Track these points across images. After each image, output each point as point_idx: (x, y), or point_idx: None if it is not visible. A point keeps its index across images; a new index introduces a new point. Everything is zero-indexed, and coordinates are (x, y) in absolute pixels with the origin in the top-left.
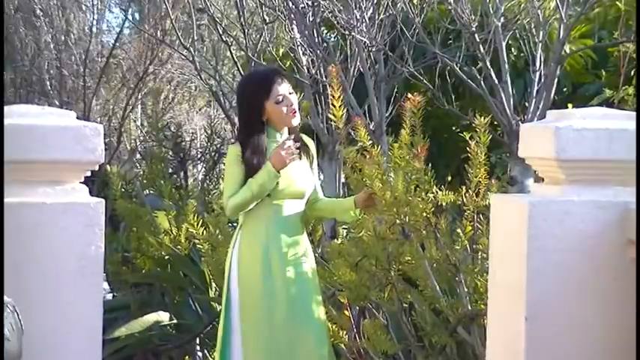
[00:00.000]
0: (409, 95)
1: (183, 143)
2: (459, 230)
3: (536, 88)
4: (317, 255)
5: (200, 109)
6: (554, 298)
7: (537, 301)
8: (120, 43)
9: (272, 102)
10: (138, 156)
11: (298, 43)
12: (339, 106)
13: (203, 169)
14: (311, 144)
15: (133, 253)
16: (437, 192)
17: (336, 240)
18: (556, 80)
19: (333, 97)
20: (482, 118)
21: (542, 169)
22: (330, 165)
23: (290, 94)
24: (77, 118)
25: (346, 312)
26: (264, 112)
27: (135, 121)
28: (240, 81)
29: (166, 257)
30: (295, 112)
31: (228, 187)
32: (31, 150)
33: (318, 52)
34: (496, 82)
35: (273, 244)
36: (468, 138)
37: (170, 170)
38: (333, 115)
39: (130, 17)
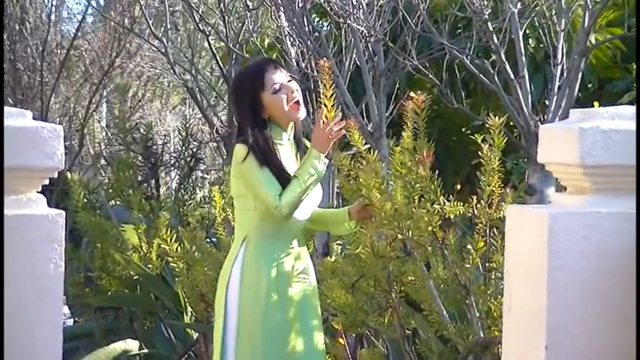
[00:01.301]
0: (412, 93)
1: (155, 147)
2: (469, 246)
3: (557, 83)
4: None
5: (174, 108)
6: (578, 324)
7: (559, 327)
8: (82, 32)
9: (268, 93)
10: (103, 161)
11: (286, 33)
12: (332, 106)
13: (177, 176)
14: None
15: (97, 273)
16: (444, 203)
17: (329, 257)
18: (580, 75)
19: (325, 95)
20: (496, 118)
21: (564, 176)
22: None
23: (289, 81)
24: (33, 118)
25: (341, 340)
26: (262, 108)
27: (99, 122)
28: (233, 80)
29: (135, 277)
30: (299, 102)
31: (268, 187)
32: None
33: (309, 42)
34: (512, 77)
35: (281, 261)
36: (479, 141)
37: (140, 178)
38: (325, 116)
39: (93, 3)
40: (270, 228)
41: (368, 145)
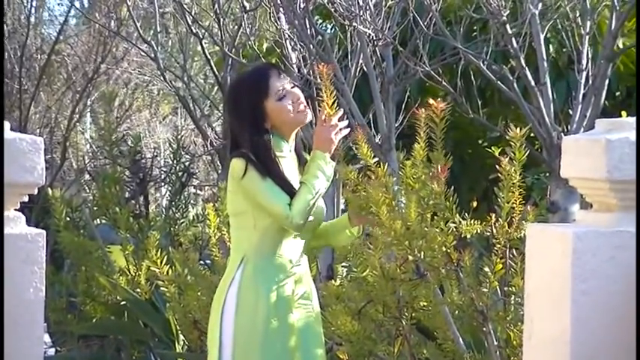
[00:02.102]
0: (427, 101)
1: (144, 160)
2: (486, 269)
3: (582, 91)
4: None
5: (164, 118)
6: (605, 353)
7: (584, 356)
8: (64, 35)
9: (273, 100)
10: (87, 177)
11: (286, 36)
12: (332, 105)
13: (168, 192)
14: None
15: (80, 298)
16: (459, 221)
17: (333, 281)
18: (607, 82)
19: (326, 103)
20: (516, 128)
21: (589, 192)
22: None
23: (292, 88)
24: (11, 129)
25: None
26: (265, 116)
27: (83, 134)
28: (230, 86)
29: (122, 303)
30: (306, 107)
31: (276, 198)
32: None
33: (311, 47)
34: (532, 84)
35: (282, 284)
36: (497, 154)
37: (127, 194)
38: (326, 114)
39: (76, 4)
40: (270, 248)
41: (376, 159)
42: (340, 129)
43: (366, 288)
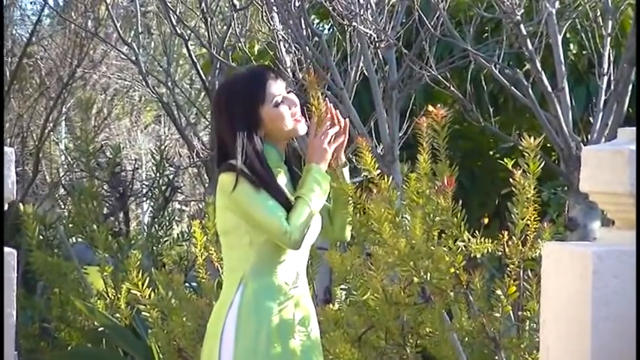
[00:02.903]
0: (430, 108)
1: (124, 173)
2: (498, 292)
3: (603, 97)
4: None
5: (146, 127)
6: None
7: None
8: (37, 37)
9: (269, 106)
10: (61, 191)
11: (280, 37)
12: (318, 119)
13: (150, 208)
14: None
15: (54, 324)
16: (469, 239)
17: (331, 305)
18: (630, 87)
19: (315, 109)
20: (531, 138)
21: (611, 207)
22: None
23: (289, 93)
24: None
25: None
26: (260, 123)
27: (57, 144)
28: (222, 88)
29: (100, 329)
30: (302, 116)
31: (272, 212)
32: None
33: (307, 49)
34: (549, 89)
35: (283, 307)
36: (510, 166)
37: (105, 210)
38: (317, 118)
39: (51, 2)
40: (268, 267)
41: (379, 171)
42: (333, 136)
43: (366, 313)
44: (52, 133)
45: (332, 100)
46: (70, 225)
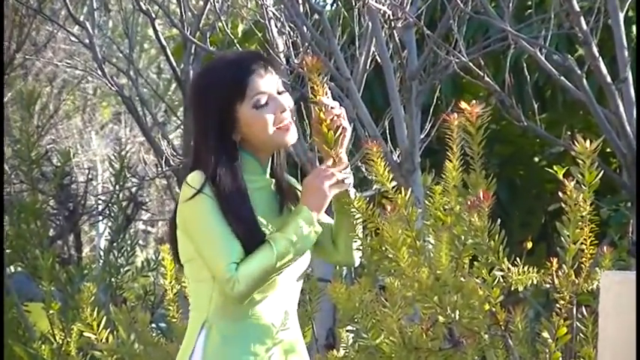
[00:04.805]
0: (462, 103)
1: (74, 186)
2: (545, 334)
3: None
4: None
5: (102, 128)
6: None
7: None
8: None
9: (248, 106)
10: None
11: (270, 14)
12: (329, 122)
13: (108, 229)
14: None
15: None
16: (508, 268)
17: (335, 351)
18: None
19: (317, 100)
20: (586, 141)
21: None
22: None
23: (280, 93)
24: None
25: None
26: (235, 125)
27: None
28: (196, 76)
29: None
30: (291, 123)
31: (221, 248)
32: None
33: (305, 28)
34: (608, 79)
35: (263, 356)
36: (560, 176)
37: (52, 232)
38: (325, 139)
39: None
40: (240, 307)
41: (395, 183)
42: (339, 180)
43: None
44: None
45: (336, 94)
46: (8, 250)
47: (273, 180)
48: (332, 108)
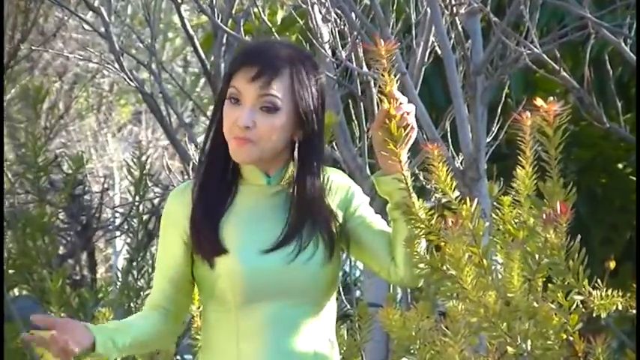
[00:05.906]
0: (539, 101)
1: (88, 197)
2: None
3: None
4: None
5: (120, 129)
6: None
7: None
8: None
9: (228, 102)
10: None
11: (313, 0)
12: (396, 121)
13: (126, 247)
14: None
15: None
16: (589, 292)
17: None
18: None
19: (386, 98)
20: None
21: None
22: None
23: (264, 96)
24: None
25: None
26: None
27: None
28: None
29: None
30: (241, 140)
31: (154, 280)
32: None
33: (354, 15)
34: None
35: None
36: None
37: (62, 250)
38: (392, 137)
39: None
40: (221, 335)
41: (458, 193)
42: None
43: None
44: None
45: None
46: (11, 271)
47: (281, 187)
48: (401, 104)
